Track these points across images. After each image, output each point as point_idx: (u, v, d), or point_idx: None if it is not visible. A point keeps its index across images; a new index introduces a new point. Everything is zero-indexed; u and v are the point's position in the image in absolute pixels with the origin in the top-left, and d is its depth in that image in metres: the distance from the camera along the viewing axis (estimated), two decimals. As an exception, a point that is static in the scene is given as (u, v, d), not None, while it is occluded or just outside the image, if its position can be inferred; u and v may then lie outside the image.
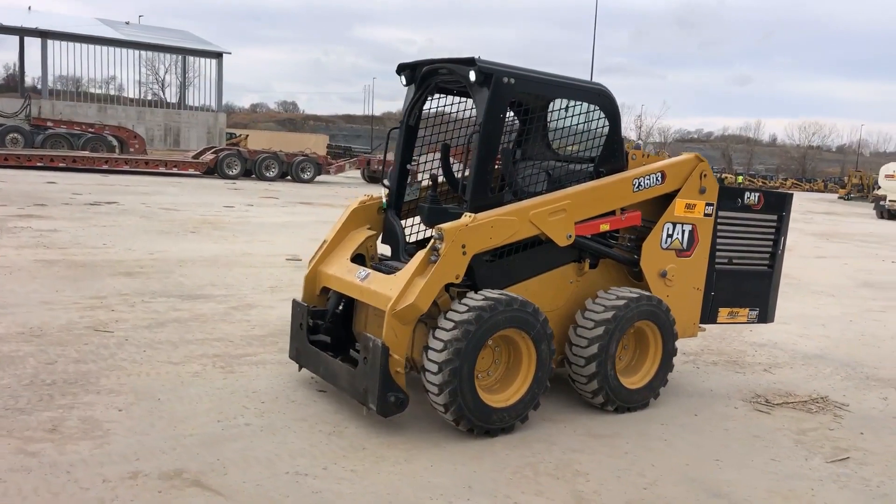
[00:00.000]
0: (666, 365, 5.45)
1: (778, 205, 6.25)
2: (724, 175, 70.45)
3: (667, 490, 4.05)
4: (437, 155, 5.67)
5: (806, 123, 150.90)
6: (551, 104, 5.80)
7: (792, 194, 6.58)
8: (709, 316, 6.00)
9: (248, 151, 29.69)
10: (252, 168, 29.22)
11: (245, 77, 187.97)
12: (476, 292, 4.62)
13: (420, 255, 4.64)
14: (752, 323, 6.30)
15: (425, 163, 5.70)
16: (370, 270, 4.96)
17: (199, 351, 5.94)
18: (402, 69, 5.40)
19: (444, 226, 4.52)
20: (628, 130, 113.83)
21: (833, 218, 32.22)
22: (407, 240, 5.44)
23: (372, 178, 33.92)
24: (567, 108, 5.28)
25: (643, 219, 5.47)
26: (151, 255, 10.30)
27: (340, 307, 5.34)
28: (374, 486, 3.86)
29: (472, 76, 4.75)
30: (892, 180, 34.59)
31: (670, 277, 5.58)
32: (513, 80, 4.84)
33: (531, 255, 5.06)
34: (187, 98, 52.02)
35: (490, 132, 4.81)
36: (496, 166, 4.99)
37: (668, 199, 5.57)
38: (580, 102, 5.26)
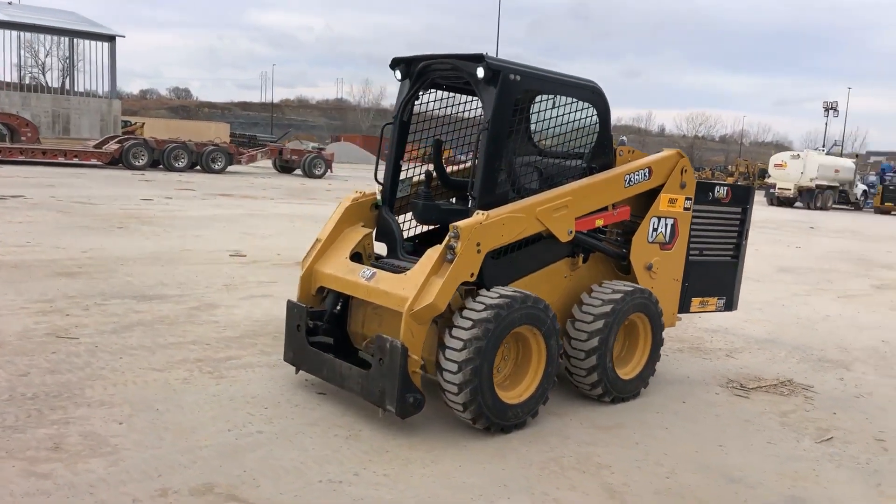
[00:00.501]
0: (655, 355, 5.63)
1: (743, 198, 6.56)
2: None
3: (687, 478, 4.20)
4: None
5: (693, 115, 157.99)
6: (537, 100, 5.87)
7: (754, 188, 6.91)
8: (683, 306, 6.24)
9: (154, 141, 28.43)
10: (160, 158, 28.03)
11: (133, 61, 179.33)
12: (488, 290, 4.62)
13: (432, 253, 4.60)
14: (720, 311, 6.59)
15: (416, 158, 5.65)
16: (375, 269, 4.88)
17: (179, 356, 5.69)
18: (396, 63, 5.31)
19: (460, 224, 4.50)
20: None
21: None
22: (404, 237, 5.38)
23: (284, 167, 33.19)
24: (564, 104, 5.34)
25: (630, 214, 5.62)
26: (85, 252, 9.74)
27: (338, 307, 5.24)
28: (411, 489, 3.82)
29: (481, 73, 4.73)
30: (781, 169, 36.79)
31: (655, 270, 5.76)
32: (519, 78, 4.85)
33: (531, 251, 5.10)
34: (77, 83, 49.14)
35: (498, 130, 4.81)
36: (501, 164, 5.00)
37: (650, 194, 5.73)
38: (575, 99, 5.33)
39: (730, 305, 6.65)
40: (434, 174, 5.54)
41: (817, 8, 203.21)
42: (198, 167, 28.85)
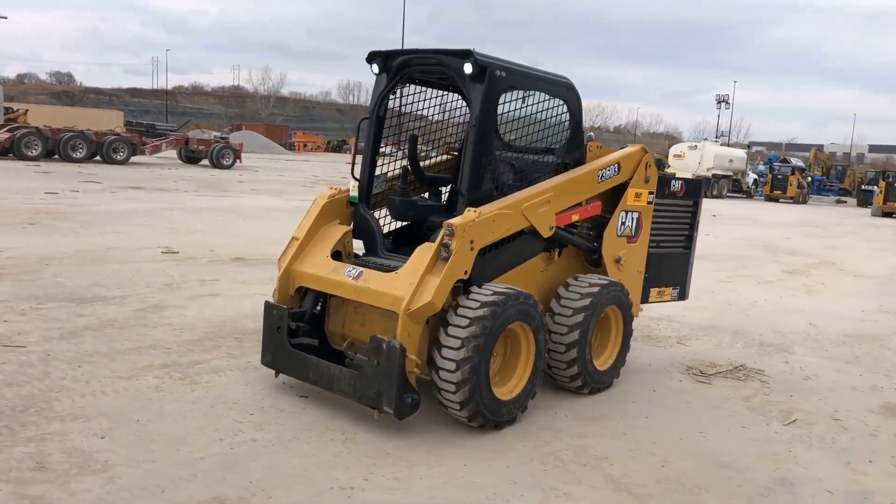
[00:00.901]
0: (626, 346, 5.78)
1: (695, 191, 6.81)
2: None
3: (682, 466, 4.33)
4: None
5: (590, 106, 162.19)
6: (504, 96, 5.90)
7: (704, 181, 7.18)
8: (643, 297, 6.42)
9: (49, 130, 26.75)
10: (55, 148, 26.43)
11: (8, 43, 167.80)
12: (479, 287, 4.61)
13: (423, 251, 4.55)
14: (674, 301, 6.83)
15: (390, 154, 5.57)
16: (362, 269, 4.78)
17: (142, 361, 5.40)
18: (373, 57, 5.20)
19: (455, 222, 4.47)
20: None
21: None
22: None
23: (189, 158, 31.97)
24: (541, 100, 5.37)
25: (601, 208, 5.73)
26: (2, 252, 9.08)
27: (318, 307, 5.10)
28: (425, 491, 3.78)
29: (468, 69, 4.70)
30: (680, 160, 38.44)
31: (623, 263, 5.90)
32: (504, 74, 4.85)
33: (512, 247, 5.12)
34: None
35: (486, 126, 4.80)
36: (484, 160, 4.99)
37: (617, 189, 5.85)
38: (550, 96, 5.37)
39: (683, 295, 6.90)
40: (410, 170, 5.47)
41: (705, 5, 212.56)
42: (97, 158, 27.38)
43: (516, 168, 5.49)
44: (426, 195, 5.74)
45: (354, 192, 5.31)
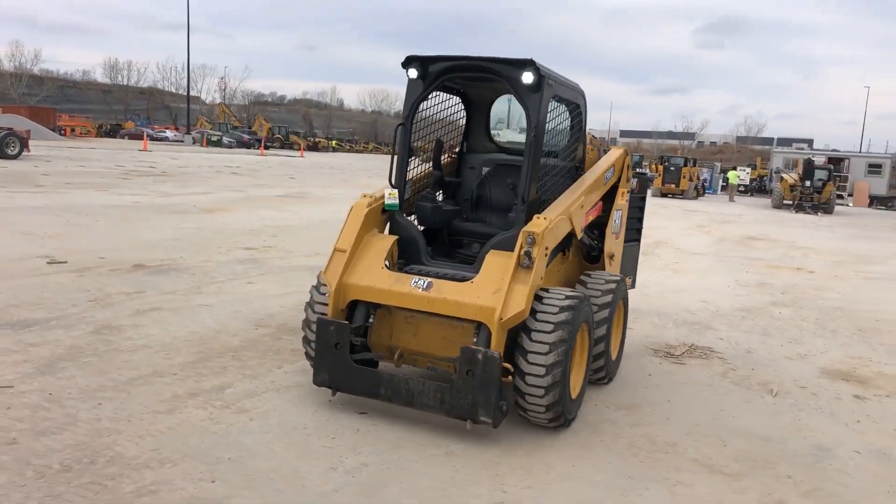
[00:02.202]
0: (625, 336, 6.22)
1: (644, 187, 7.42)
2: None
3: (737, 444, 4.84)
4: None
5: (376, 91, 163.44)
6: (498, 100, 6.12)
7: (652, 177, 7.82)
8: None
9: None
10: None
11: None
12: (548, 291, 4.76)
13: (499, 259, 4.64)
14: (630, 289, 7.41)
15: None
16: (430, 279, 4.73)
17: (165, 392, 4.93)
18: (410, 62, 5.11)
19: (535, 230, 4.59)
20: (213, 93, 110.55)
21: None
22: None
23: None
24: (567, 108, 5.60)
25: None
26: None
27: (371, 319, 4.97)
28: (563, 495, 3.93)
29: (529, 79, 4.81)
30: (486, 146, 40.13)
31: (614, 258, 6.33)
32: (552, 83, 5.02)
33: None
34: None
35: (541, 135, 4.93)
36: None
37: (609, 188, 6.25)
38: (571, 100, 5.60)
39: (633, 284, 7.50)
40: (440, 176, 5.46)
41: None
42: None
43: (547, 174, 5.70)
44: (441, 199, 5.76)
45: (392, 200, 5.20)
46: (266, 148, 56.66)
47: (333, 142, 79.26)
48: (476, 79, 5.30)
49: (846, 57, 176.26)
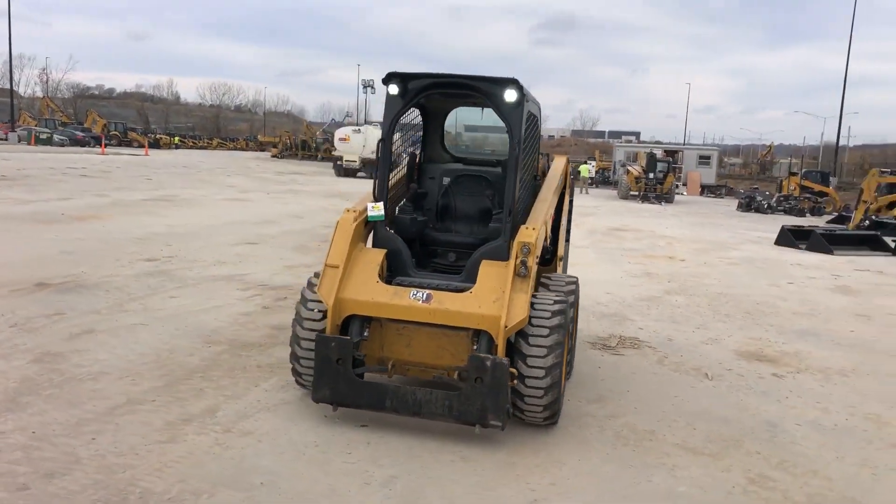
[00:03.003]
0: (576, 329, 6.64)
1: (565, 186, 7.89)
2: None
3: (704, 426, 5.35)
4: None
5: (216, 84, 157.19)
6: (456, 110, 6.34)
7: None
8: None
9: None
10: None
11: None
12: (536, 297, 5.03)
13: (495, 269, 4.87)
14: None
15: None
16: (428, 291, 4.87)
17: (154, 420, 4.74)
18: (391, 78, 5.20)
19: (529, 240, 4.85)
20: (32, 86, 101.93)
21: (297, 177, 35.90)
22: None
23: None
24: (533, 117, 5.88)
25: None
26: None
27: (366, 333, 5.02)
28: (595, 488, 4.24)
29: (513, 97, 5.05)
30: (345, 143, 40.03)
31: (563, 259, 6.74)
32: (528, 100, 5.29)
33: None
34: None
35: (520, 150, 5.18)
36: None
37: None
38: (534, 112, 5.88)
39: None
40: (417, 188, 5.59)
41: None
42: None
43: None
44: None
45: (378, 212, 5.27)
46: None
47: (175, 138, 75.49)
48: (455, 96, 5.46)
49: (667, 55, 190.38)
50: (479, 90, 5.17)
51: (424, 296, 4.83)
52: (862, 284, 12.93)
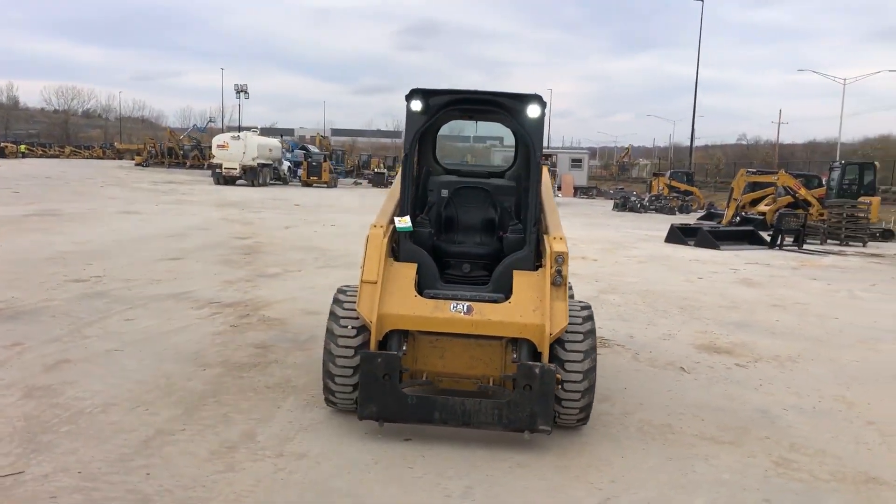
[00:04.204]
0: None
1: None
2: None
3: (708, 416, 5.75)
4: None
5: (64, 87, 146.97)
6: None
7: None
8: None
9: None
10: None
11: None
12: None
13: (532, 279, 5.05)
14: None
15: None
16: (467, 303, 4.97)
17: (199, 450, 4.56)
18: (414, 95, 5.25)
19: (563, 250, 5.06)
20: None
21: (176, 186, 34.52)
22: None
23: None
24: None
25: None
26: None
27: (405, 347, 5.05)
28: (644, 483, 4.49)
29: (538, 112, 5.24)
30: (223, 150, 38.76)
31: None
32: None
33: None
34: None
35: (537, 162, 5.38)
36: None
37: None
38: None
39: None
40: (432, 202, 5.66)
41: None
42: None
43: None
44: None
45: (405, 224, 5.30)
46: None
47: (22, 146, 70.10)
48: (476, 111, 5.58)
49: (526, 61, 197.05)
50: (502, 106, 5.32)
51: (465, 308, 4.93)
52: (759, 277, 14.10)
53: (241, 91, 60.95)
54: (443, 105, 5.33)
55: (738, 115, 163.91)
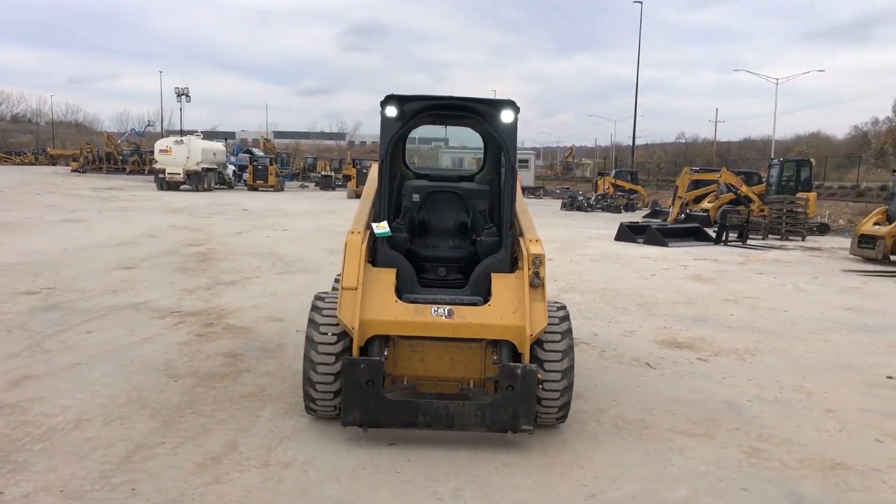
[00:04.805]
0: None
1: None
2: None
3: (679, 409, 5.93)
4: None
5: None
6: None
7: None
8: None
9: None
10: None
11: None
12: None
13: (510, 281, 5.13)
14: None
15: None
16: (448, 306, 5.02)
17: (183, 463, 4.50)
18: (389, 101, 5.28)
19: (540, 252, 5.15)
20: None
21: (117, 192, 33.72)
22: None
23: None
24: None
25: None
26: None
27: (386, 352, 5.07)
28: (628, 477, 4.62)
29: (511, 117, 5.32)
30: (167, 154, 37.98)
31: None
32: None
33: None
34: None
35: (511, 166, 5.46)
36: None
37: None
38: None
39: None
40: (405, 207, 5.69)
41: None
42: None
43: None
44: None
45: (384, 230, 5.32)
46: None
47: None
48: (451, 117, 5.62)
49: (469, 62, 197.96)
50: (476, 111, 5.38)
51: (447, 311, 4.97)
52: (709, 272, 14.51)
53: (182, 94, 59.65)
54: (417, 111, 5.37)
55: (676, 114, 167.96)
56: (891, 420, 5.88)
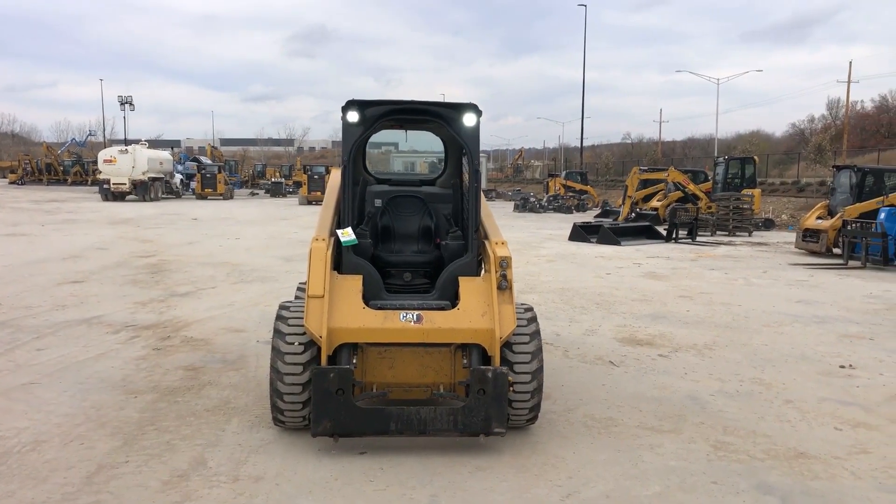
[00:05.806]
0: None
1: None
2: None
3: (649, 407, 5.99)
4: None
5: None
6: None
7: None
8: None
9: None
10: None
11: None
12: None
13: (471, 284, 5.12)
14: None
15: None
16: (417, 312, 4.99)
17: (149, 481, 4.36)
18: (350, 106, 5.22)
19: (507, 255, 5.15)
20: None
21: (60, 204, 32.80)
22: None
23: None
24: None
25: None
26: None
27: (355, 360, 5.01)
28: (600, 477, 4.65)
29: (473, 121, 5.32)
30: (111, 164, 37.05)
31: None
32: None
33: None
34: None
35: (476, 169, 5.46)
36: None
37: None
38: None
39: None
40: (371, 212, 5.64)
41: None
42: None
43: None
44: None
45: (349, 237, 5.25)
46: None
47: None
48: (412, 121, 5.58)
49: (416, 66, 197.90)
50: (438, 115, 5.36)
51: (415, 317, 4.94)
52: (662, 270, 14.76)
53: (125, 102, 58.21)
54: (379, 115, 5.32)
55: (621, 114, 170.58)
56: (847, 408, 6.04)
